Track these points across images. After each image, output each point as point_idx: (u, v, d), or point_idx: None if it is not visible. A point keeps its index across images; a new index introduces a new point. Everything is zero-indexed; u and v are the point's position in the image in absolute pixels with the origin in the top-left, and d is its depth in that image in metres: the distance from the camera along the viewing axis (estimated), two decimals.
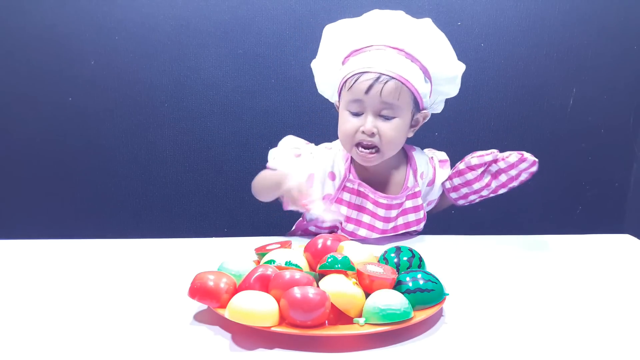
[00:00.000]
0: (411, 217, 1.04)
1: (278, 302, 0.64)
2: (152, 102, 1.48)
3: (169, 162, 1.52)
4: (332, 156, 1.02)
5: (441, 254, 0.96)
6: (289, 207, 0.91)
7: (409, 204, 1.02)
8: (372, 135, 0.93)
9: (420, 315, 0.66)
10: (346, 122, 0.96)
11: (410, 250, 0.78)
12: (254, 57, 1.45)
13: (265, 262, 0.75)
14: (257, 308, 0.62)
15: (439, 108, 1.08)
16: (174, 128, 1.50)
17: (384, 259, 0.78)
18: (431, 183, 1.08)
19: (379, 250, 0.81)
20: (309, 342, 0.63)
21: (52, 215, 1.52)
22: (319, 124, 1.24)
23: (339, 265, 0.69)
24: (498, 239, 1.05)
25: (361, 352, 0.62)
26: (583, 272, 0.88)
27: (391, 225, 1.02)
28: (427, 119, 1.02)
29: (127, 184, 1.53)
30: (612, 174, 1.60)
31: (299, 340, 0.63)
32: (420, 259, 0.77)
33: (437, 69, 0.98)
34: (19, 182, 1.52)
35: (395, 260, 0.76)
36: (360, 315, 0.65)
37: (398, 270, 0.75)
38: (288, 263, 0.74)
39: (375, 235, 1.03)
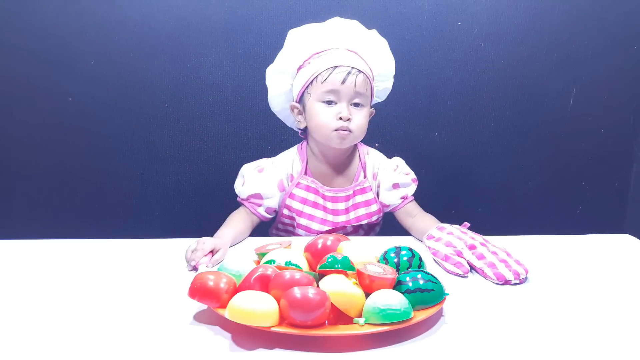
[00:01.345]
0: (361, 210, 1.12)
1: (278, 302, 0.64)
2: (152, 102, 1.48)
3: (169, 162, 1.52)
4: (291, 159, 1.13)
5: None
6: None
7: (359, 198, 1.12)
8: (348, 120, 1.04)
9: (420, 315, 0.66)
10: (322, 114, 1.05)
11: (410, 250, 0.78)
12: (254, 57, 1.45)
13: (265, 262, 0.75)
14: (257, 308, 0.62)
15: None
16: (174, 128, 1.50)
17: (384, 259, 0.78)
18: (379, 186, 1.13)
19: (379, 250, 0.81)
20: (309, 342, 0.63)
21: (52, 215, 1.52)
22: None
23: (339, 265, 0.69)
24: (498, 239, 1.05)
25: (361, 352, 0.62)
26: (583, 272, 0.88)
27: (341, 218, 1.11)
28: (372, 115, 1.13)
29: (127, 184, 1.53)
30: (612, 174, 1.60)
31: (299, 340, 0.63)
32: (420, 259, 0.77)
33: (380, 71, 1.11)
34: (19, 182, 1.52)
35: (395, 260, 0.76)
36: (360, 315, 0.65)
37: (398, 270, 0.75)
38: (288, 263, 0.74)
39: (327, 228, 1.10)
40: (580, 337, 0.66)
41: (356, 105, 1.05)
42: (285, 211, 1.12)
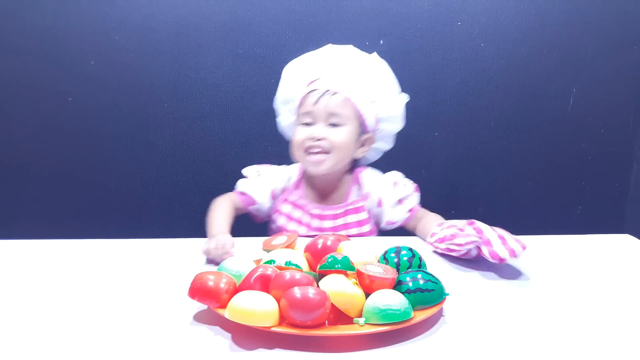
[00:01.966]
0: (353, 231, 1.09)
1: (278, 302, 0.64)
2: (152, 102, 1.48)
3: (169, 162, 1.52)
4: (290, 173, 1.15)
5: (441, 254, 0.96)
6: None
7: (351, 218, 1.09)
8: (320, 140, 1.04)
9: (420, 315, 0.66)
10: (297, 133, 1.07)
11: (411, 250, 0.78)
12: (254, 57, 1.45)
13: (265, 262, 0.75)
14: (257, 308, 0.62)
15: (388, 143, 1.17)
16: (174, 128, 1.50)
17: (384, 259, 0.78)
18: (379, 204, 1.11)
19: (379, 250, 0.81)
20: (309, 342, 0.63)
21: (52, 215, 1.52)
22: None
23: (339, 265, 0.69)
24: None
25: (361, 352, 0.62)
26: (583, 272, 0.88)
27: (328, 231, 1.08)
28: (374, 144, 1.12)
29: (127, 184, 1.53)
30: (612, 174, 1.60)
31: (299, 340, 0.63)
32: (420, 259, 0.77)
33: (380, 93, 1.10)
34: (19, 182, 1.52)
35: (395, 260, 0.76)
36: (360, 315, 0.65)
37: (398, 270, 0.75)
38: (288, 263, 0.74)
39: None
40: (580, 337, 0.66)
41: (334, 125, 1.05)
42: (273, 225, 1.14)
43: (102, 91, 1.46)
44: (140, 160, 1.51)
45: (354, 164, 1.15)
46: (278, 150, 1.20)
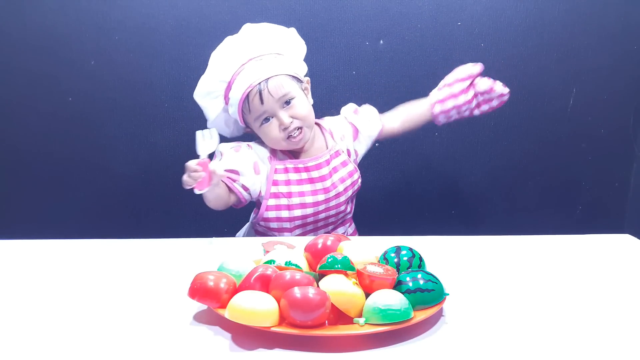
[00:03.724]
0: (343, 172, 1.15)
1: (278, 302, 0.64)
2: (152, 102, 1.48)
3: (169, 162, 1.52)
4: (263, 147, 1.15)
5: (441, 254, 0.96)
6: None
7: (335, 162, 1.15)
8: (291, 123, 1.08)
9: (420, 315, 0.66)
10: (268, 132, 1.10)
11: (411, 250, 0.78)
12: None
13: (265, 262, 0.75)
14: (257, 308, 0.62)
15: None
16: (174, 128, 1.50)
17: (384, 259, 0.78)
18: (356, 133, 1.19)
19: (379, 250, 0.81)
20: (309, 342, 0.63)
21: (52, 215, 1.52)
22: None
23: (339, 265, 0.69)
24: (498, 239, 1.05)
25: (361, 352, 0.62)
26: (583, 272, 0.88)
27: (329, 182, 1.13)
28: (309, 82, 1.16)
29: (127, 184, 1.53)
30: (612, 174, 1.60)
31: (299, 340, 0.63)
32: (420, 259, 0.77)
33: (294, 54, 1.15)
34: (19, 182, 1.52)
35: (395, 260, 0.76)
36: (360, 315, 0.65)
37: (398, 270, 0.75)
38: (288, 263, 0.74)
39: (323, 205, 1.12)
40: (580, 337, 0.66)
41: (287, 103, 1.08)
42: (272, 201, 1.12)
43: (102, 91, 1.46)
44: (141, 161, 1.51)
45: None
46: None
